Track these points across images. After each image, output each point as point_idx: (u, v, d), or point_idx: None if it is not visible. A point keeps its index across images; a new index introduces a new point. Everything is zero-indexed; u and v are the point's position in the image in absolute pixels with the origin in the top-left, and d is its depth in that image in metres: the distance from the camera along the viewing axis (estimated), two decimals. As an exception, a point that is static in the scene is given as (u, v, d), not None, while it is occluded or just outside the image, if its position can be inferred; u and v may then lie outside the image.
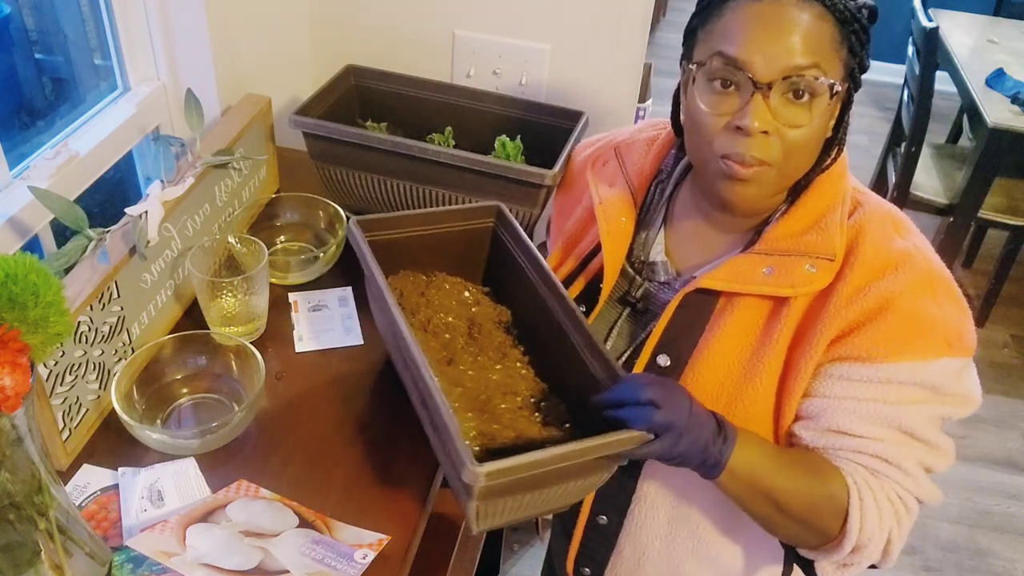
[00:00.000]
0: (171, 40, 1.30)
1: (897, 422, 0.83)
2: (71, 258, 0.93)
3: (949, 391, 0.84)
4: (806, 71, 0.78)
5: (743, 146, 0.81)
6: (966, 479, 2.40)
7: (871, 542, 0.83)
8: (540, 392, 0.93)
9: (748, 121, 0.79)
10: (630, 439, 0.77)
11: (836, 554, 0.84)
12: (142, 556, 0.82)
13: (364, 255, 0.94)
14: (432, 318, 1.01)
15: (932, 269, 0.85)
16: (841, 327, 0.83)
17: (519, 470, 0.74)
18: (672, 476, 0.93)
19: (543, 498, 0.82)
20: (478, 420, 0.87)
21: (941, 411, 0.85)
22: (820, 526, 0.83)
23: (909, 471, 0.84)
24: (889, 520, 0.83)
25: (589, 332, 0.88)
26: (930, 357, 0.82)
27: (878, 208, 0.89)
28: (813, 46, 0.78)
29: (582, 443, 0.76)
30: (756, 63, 0.78)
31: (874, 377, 0.82)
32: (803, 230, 0.87)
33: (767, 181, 0.84)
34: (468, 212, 1.07)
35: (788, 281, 0.85)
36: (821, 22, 0.79)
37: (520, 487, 0.78)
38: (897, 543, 0.85)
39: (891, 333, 0.82)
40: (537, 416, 0.90)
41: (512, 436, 0.85)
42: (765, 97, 0.79)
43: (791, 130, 0.81)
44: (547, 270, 0.95)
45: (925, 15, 2.68)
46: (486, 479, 0.72)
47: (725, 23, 0.81)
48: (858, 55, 0.82)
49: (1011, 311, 3.05)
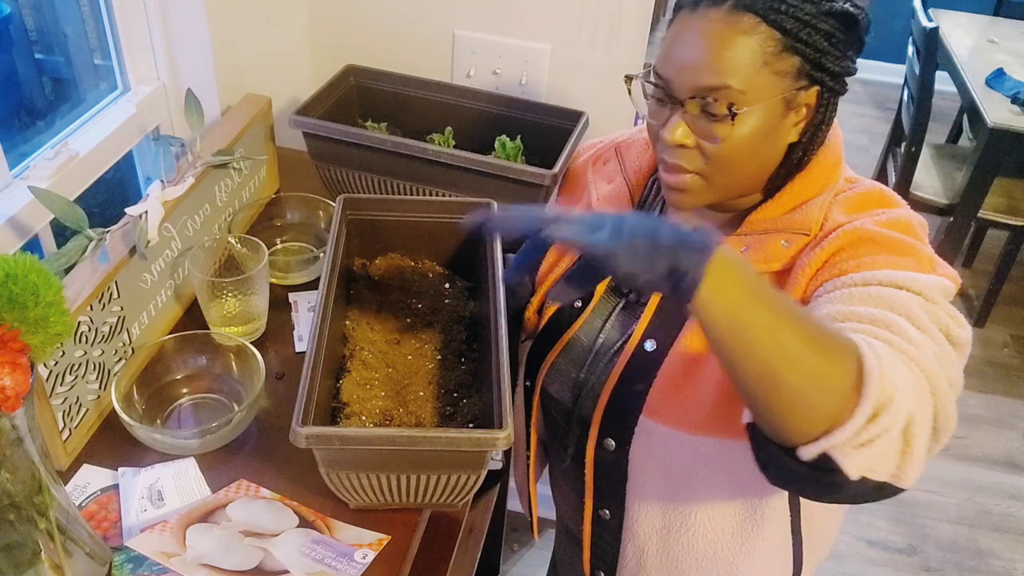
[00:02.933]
0: (171, 40, 1.30)
1: (889, 304, 0.73)
2: (71, 258, 0.93)
3: (941, 305, 0.76)
4: (712, 92, 0.79)
5: (668, 154, 0.85)
6: (966, 479, 2.40)
7: (896, 393, 0.64)
8: (465, 389, 0.96)
9: (665, 134, 0.83)
10: (479, 439, 0.78)
11: (858, 412, 0.63)
12: (142, 556, 0.82)
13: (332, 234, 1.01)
14: (401, 300, 1.07)
15: (909, 220, 0.84)
16: (814, 268, 0.82)
17: (346, 441, 0.78)
18: (659, 463, 0.93)
19: (407, 485, 0.85)
20: (389, 400, 0.93)
21: (938, 314, 0.75)
22: (832, 369, 0.64)
23: (915, 340, 0.70)
24: (906, 373, 0.66)
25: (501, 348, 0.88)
26: (915, 271, 0.77)
27: (868, 187, 0.89)
28: (729, 65, 0.78)
29: (423, 431, 0.79)
30: (673, 80, 0.82)
31: (856, 280, 0.77)
32: (784, 213, 0.88)
33: (697, 189, 0.86)
34: (461, 205, 1.10)
35: (762, 257, 0.86)
36: (748, 36, 0.78)
37: (363, 463, 0.82)
38: (919, 425, 0.66)
39: (869, 252, 0.80)
40: (449, 409, 0.92)
41: (412, 422, 0.90)
42: (681, 113, 0.82)
43: (709, 144, 0.82)
44: (498, 274, 0.98)
45: (925, 15, 2.68)
46: (306, 441, 0.77)
47: (667, 37, 0.84)
48: (814, 60, 0.79)
49: (1011, 311, 3.05)
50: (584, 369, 0.98)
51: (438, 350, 1.01)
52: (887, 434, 0.63)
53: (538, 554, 2.05)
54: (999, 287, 2.89)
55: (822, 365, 0.63)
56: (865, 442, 0.63)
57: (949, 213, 2.69)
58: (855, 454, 0.64)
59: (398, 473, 0.83)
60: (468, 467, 0.83)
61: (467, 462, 0.83)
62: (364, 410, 0.90)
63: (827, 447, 0.64)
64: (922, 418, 0.66)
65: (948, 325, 0.74)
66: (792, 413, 0.65)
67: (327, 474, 0.83)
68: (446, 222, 1.10)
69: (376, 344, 1.00)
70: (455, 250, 1.13)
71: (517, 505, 1.25)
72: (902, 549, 2.19)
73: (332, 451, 0.80)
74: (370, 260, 1.13)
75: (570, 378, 0.99)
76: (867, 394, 0.62)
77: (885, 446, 0.64)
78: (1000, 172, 2.57)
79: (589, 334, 0.99)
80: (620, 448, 0.95)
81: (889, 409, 0.63)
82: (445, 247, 1.13)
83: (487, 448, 0.79)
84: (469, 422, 0.90)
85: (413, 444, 0.78)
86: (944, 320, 0.74)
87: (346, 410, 0.90)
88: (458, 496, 0.88)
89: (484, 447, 0.79)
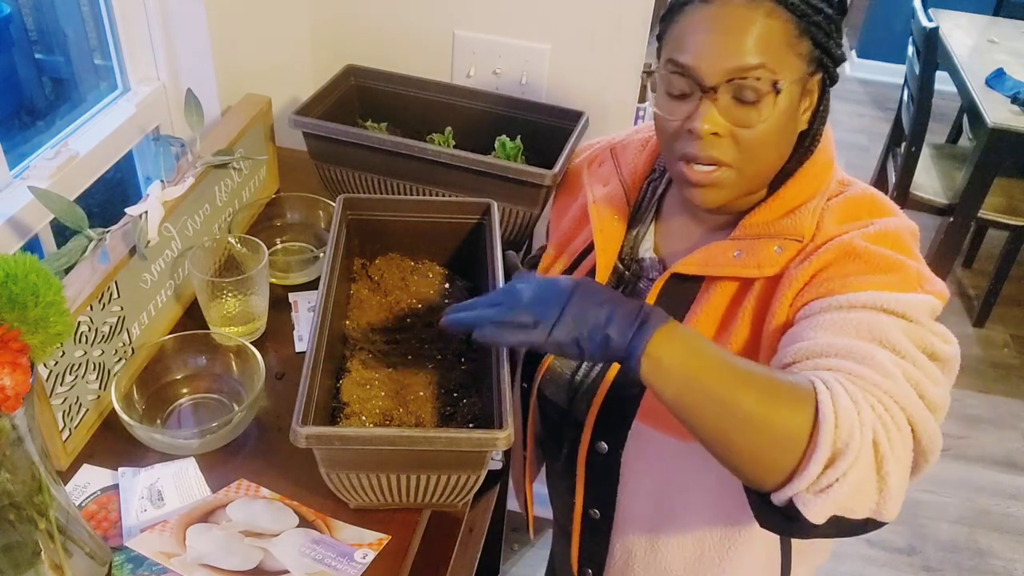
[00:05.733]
0: (171, 40, 1.30)
1: (869, 332, 0.74)
2: (71, 258, 0.93)
3: (927, 324, 0.77)
4: (750, 72, 0.79)
5: (697, 147, 0.83)
6: (966, 479, 2.40)
7: (852, 440, 0.65)
8: (465, 389, 0.96)
9: (697, 124, 0.82)
10: (479, 440, 0.78)
11: (812, 463, 0.65)
12: (142, 556, 0.82)
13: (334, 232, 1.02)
14: (401, 300, 1.07)
15: (898, 232, 0.84)
16: (803, 280, 0.82)
17: (346, 441, 0.78)
18: (651, 467, 0.93)
19: (407, 485, 0.85)
20: (389, 400, 0.92)
21: (923, 335, 0.76)
22: (784, 425, 0.66)
23: (890, 372, 0.71)
24: (870, 418, 0.67)
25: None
26: (900, 290, 0.78)
27: (859, 192, 0.89)
28: (760, 46, 0.79)
29: (423, 431, 0.79)
30: (701, 68, 0.80)
31: (841, 303, 0.77)
32: (778, 217, 0.88)
33: (728, 183, 0.85)
34: (461, 206, 1.11)
35: (755, 262, 0.86)
36: (771, 19, 0.79)
37: (363, 463, 0.82)
38: (892, 464, 0.67)
39: (856, 271, 0.80)
40: (449, 409, 0.92)
41: (412, 422, 0.90)
42: (713, 100, 0.81)
43: (742, 130, 0.82)
44: (498, 274, 0.98)
45: (925, 15, 2.68)
46: (306, 441, 0.77)
47: (679, 30, 0.83)
48: (823, 44, 0.82)
49: (1011, 311, 3.05)
50: (579, 372, 0.98)
51: (438, 350, 1.01)
52: (847, 477, 0.65)
53: (538, 554, 2.05)
54: (999, 287, 2.89)
55: (775, 421, 0.66)
56: (824, 488, 0.66)
57: (949, 213, 2.69)
58: (816, 500, 0.66)
59: (398, 473, 0.83)
60: (468, 467, 0.83)
61: (467, 462, 0.83)
62: (364, 410, 0.90)
63: (789, 494, 0.67)
64: (896, 453, 0.68)
65: (932, 344, 0.76)
66: (752, 468, 0.69)
67: (327, 474, 0.83)
68: (446, 222, 1.10)
69: (376, 344, 1.00)
70: (455, 250, 1.13)
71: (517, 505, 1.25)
72: (902, 549, 2.19)
73: (332, 451, 0.80)
74: (370, 260, 1.13)
75: (565, 380, 0.99)
76: (821, 443, 0.65)
77: (849, 488, 0.66)
78: (1000, 172, 2.57)
79: None
80: (613, 451, 0.95)
81: (846, 454, 0.65)
82: (445, 247, 1.13)
83: (487, 448, 0.79)
84: (469, 422, 0.90)
85: (413, 444, 0.78)
86: (928, 340, 0.76)
87: (346, 410, 0.90)
88: (458, 496, 0.88)
89: (484, 447, 0.79)
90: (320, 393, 0.86)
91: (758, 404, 0.66)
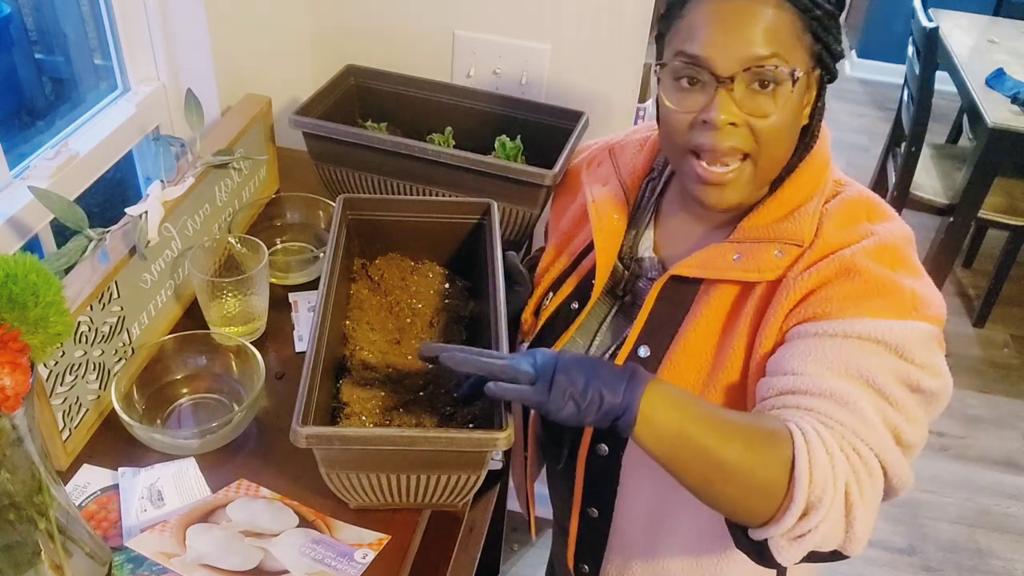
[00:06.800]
0: (171, 40, 1.30)
1: (856, 369, 0.77)
2: (71, 258, 0.93)
3: (917, 357, 0.78)
4: (766, 61, 0.80)
5: (713, 138, 0.83)
6: (966, 479, 2.40)
7: (825, 495, 0.70)
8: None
9: (714, 115, 0.81)
10: (479, 440, 0.78)
11: (787, 515, 0.71)
12: (142, 556, 0.82)
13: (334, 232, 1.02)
14: (401, 300, 1.07)
15: (896, 243, 0.84)
16: (800, 294, 0.82)
17: (346, 441, 0.78)
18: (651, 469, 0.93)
19: (407, 485, 0.85)
20: (389, 400, 0.93)
21: (908, 371, 0.78)
22: (764, 478, 0.71)
23: (868, 418, 0.75)
24: (843, 469, 0.72)
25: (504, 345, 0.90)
26: (894, 317, 0.79)
27: (855, 195, 0.89)
28: (771, 36, 0.79)
29: (423, 431, 0.79)
30: (716, 58, 0.80)
31: (835, 330, 0.79)
32: (777, 219, 0.88)
33: (742, 180, 0.85)
34: (461, 206, 1.11)
35: (755, 266, 0.86)
36: (779, 12, 0.80)
37: (363, 463, 0.82)
38: (860, 511, 0.72)
39: (852, 293, 0.80)
40: (449, 409, 0.92)
41: (412, 422, 0.90)
42: (728, 91, 0.81)
43: (759, 120, 0.82)
44: (499, 274, 0.98)
45: (925, 15, 2.68)
46: (306, 441, 0.77)
47: (687, 23, 0.83)
48: (823, 40, 0.83)
49: (1011, 311, 3.05)
50: None
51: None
52: (819, 529, 0.71)
53: (538, 554, 2.05)
54: (999, 287, 2.89)
55: (756, 473, 0.71)
56: (798, 536, 0.72)
57: (949, 213, 2.69)
58: (790, 546, 0.73)
59: (398, 473, 0.83)
60: (468, 467, 0.83)
61: (467, 462, 0.83)
62: (364, 410, 0.90)
63: (765, 536, 0.73)
64: (864, 499, 0.73)
65: (919, 380, 0.78)
66: (732, 512, 0.76)
67: (327, 474, 0.83)
68: (446, 222, 1.11)
69: (376, 344, 1.00)
70: (455, 250, 1.13)
71: (517, 505, 1.25)
72: (902, 549, 2.19)
73: (332, 451, 0.80)
74: (370, 260, 1.13)
75: None
76: (796, 498, 0.70)
77: (821, 537, 0.72)
78: (1000, 172, 2.57)
79: (585, 337, 0.99)
80: (613, 453, 0.95)
81: (818, 509, 0.71)
82: (445, 247, 1.13)
83: (487, 448, 0.79)
84: (469, 422, 0.90)
85: (413, 444, 0.78)
86: (914, 377, 0.78)
87: (346, 410, 0.90)
88: (458, 496, 0.88)
89: (484, 447, 0.79)
90: (320, 393, 0.86)
91: (740, 458, 0.71)
